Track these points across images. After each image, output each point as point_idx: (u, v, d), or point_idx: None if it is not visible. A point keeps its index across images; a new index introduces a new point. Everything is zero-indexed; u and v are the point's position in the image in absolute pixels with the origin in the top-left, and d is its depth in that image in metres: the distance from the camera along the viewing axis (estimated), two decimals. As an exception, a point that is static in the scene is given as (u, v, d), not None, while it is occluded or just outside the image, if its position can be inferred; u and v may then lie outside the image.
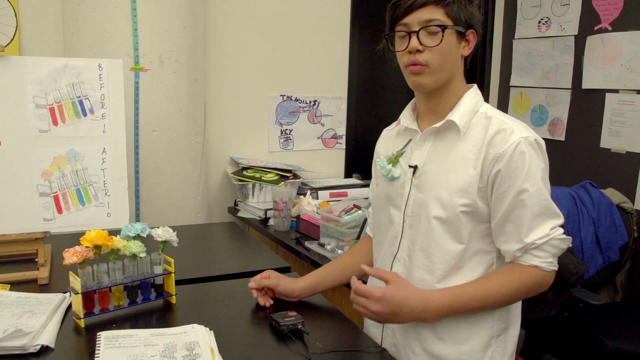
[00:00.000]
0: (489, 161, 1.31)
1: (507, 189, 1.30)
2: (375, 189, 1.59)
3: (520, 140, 1.29)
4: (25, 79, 1.76)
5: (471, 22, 1.37)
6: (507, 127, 1.32)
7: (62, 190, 1.80)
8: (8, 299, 1.49)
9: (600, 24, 3.10)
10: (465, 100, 1.39)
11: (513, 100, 3.70)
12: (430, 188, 1.38)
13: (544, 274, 1.32)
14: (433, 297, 1.30)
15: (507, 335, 1.43)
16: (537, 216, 1.29)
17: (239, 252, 2.21)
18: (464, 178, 1.33)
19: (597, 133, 3.15)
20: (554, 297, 2.30)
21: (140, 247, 1.47)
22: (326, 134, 3.42)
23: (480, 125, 1.36)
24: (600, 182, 2.90)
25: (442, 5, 1.32)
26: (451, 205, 1.34)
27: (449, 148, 1.38)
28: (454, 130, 1.37)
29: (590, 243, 2.61)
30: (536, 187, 1.29)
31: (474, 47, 1.40)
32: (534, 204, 1.29)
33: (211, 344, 1.29)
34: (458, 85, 1.41)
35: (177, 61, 2.53)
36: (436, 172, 1.38)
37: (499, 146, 1.30)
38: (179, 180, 2.62)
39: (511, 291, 1.32)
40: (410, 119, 1.48)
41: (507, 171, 1.29)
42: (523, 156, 1.29)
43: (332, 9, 3.31)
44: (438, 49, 1.32)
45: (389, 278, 1.31)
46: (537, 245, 1.30)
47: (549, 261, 1.31)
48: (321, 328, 1.46)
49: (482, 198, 1.33)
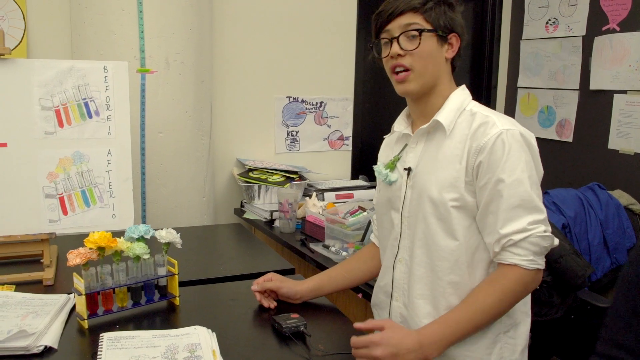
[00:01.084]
0: (472, 154, 1.33)
1: (487, 181, 1.31)
2: (378, 195, 1.61)
3: (502, 131, 1.31)
4: (32, 81, 1.78)
5: (452, 26, 1.41)
6: (489, 120, 1.34)
7: (68, 191, 1.81)
8: (13, 300, 1.51)
9: (608, 24, 3.09)
10: (451, 99, 1.43)
11: (520, 101, 3.69)
12: (422, 187, 1.41)
13: (526, 273, 1.29)
14: (424, 332, 1.29)
15: (517, 332, 1.42)
16: (514, 208, 1.28)
17: (244, 253, 2.21)
18: (452, 173, 1.36)
19: (605, 134, 3.13)
20: (560, 300, 2.29)
21: (144, 249, 1.48)
22: (332, 136, 3.42)
23: (465, 122, 1.39)
24: (608, 183, 2.89)
25: (420, 11, 1.38)
26: (442, 201, 1.36)
27: (438, 147, 1.41)
28: (441, 130, 1.41)
29: (598, 245, 2.59)
30: (514, 178, 1.28)
31: (457, 49, 1.44)
32: (510, 194, 1.28)
33: (213, 345, 1.29)
34: (445, 88, 1.44)
35: (183, 63, 2.54)
36: (427, 171, 1.41)
37: (481, 138, 1.32)
38: (185, 181, 2.63)
39: (495, 301, 1.30)
40: (404, 124, 1.53)
41: (488, 162, 1.30)
42: (502, 147, 1.30)
43: (338, 10, 3.31)
44: (417, 52, 1.38)
45: (383, 325, 1.30)
46: (514, 241, 1.28)
47: (529, 259, 1.29)
48: (323, 330, 1.46)
49: (470, 192, 1.35)
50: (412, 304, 1.43)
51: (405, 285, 1.46)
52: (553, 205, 2.57)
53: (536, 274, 1.31)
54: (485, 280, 1.35)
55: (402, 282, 1.47)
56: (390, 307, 1.50)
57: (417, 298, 1.42)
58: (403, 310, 1.47)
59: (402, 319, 1.47)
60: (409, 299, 1.44)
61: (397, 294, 1.48)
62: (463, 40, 1.44)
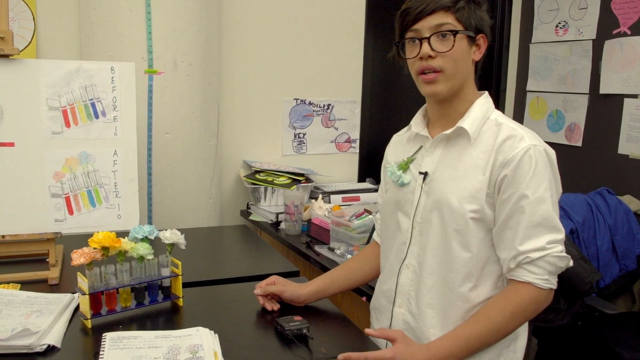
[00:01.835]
0: (497, 167, 1.30)
1: (510, 195, 1.28)
2: (384, 195, 1.58)
3: (530, 147, 1.28)
4: (40, 81, 1.79)
5: (481, 26, 1.37)
6: (517, 134, 1.31)
7: (74, 191, 1.82)
8: (18, 299, 1.51)
9: (619, 28, 3.07)
10: (476, 107, 1.39)
11: (529, 105, 3.67)
12: (440, 194, 1.37)
13: (539, 293, 1.28)
14: (434, 348, 1.29)
15: (516, 346, 1.42)
16: (535, 226, 1.27)
17: (249, 255, 2.21)
18: (474, 184, 1.33)
19: (615, 139, 3.10)
20: (567, 306, 2.27)
21: (148, 249, 1.48)
22: (340, 138, 3.42)
23: (490, 132, 1.35)
24: (618, 188, 2.86)
25: (452, 10, 1.32)
26: (461, 212, 1.33)
27: (460, 155, 1.37)
28: (464, 137, 1.37)
29: (607, 251, 2.57)
30: (537, 196, 1.27)
31: (484, 52, 1.39)
32: (532, 212, 1.27)
33: (215, 347, 1.29)
34: (469, 92, 1.41)
35: (190, 64, 2.55)
36: (446, 178, 1.37)
37: (508, 152, 1.29)
38: (192, 182, 2.63)
39: (507, 320, 1.29)
40: (421, 125, 1.48)
41: (513, 177, 1.28)
42: (530, 163, 1.27)
43: (346, 12, 3.31)
44: (450, 54, 1.32)
45: (395, 337, 1.29)
46: (531, 259, 1.27)
47: (544, 278, 1.27)
48: (326, 333, 1.45)
49: (490, 204, 1.32)
50: (421, 313, 1.41)
51: (412, 292, 1.43)
52: (561, 210, 2.54)
53: (549, 293, 1.30)
54: (497, 296, 1.33)
55: (408, 289, 1.44)
56: (393, 313, 1.48)
57: (426, 307, 1.40)
58: (409, 318, 1.44)
59: (406, 326, 1.44)
60: (417, 307, 1.42)
61: (401, 301, 1.46)
62: (489, 42, 1.39)
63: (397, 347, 1.27)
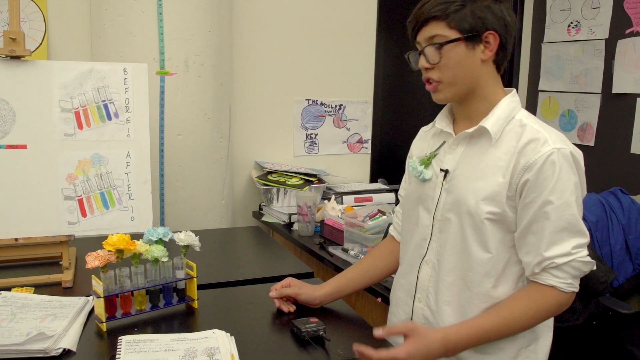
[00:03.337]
0: (519, 170, 1.28)
1: (533, 200, 1.27)
2: (408, 188, 1.57)
3: (553, 151, 1.26)
4: (52, 83, 1.78)
5: (482, 25, 1.32)
6: (540, 137, 1.29)
7: (87, 193, 1.81)
8: (32, 302, 1.51)
9: (632, 27, 3.04)
10: (501, 106, 1.36)
11: (542, 105, 3.64)
12: (458, 193, 1.36)
13: (562, 296, 1.28)
14: (450, 334, 1.28)
15: (538, 346, 1.40)
16: (560, 231, 1.26)
17: (263, 256, 2.20)
18: (492, 186, 1.31)
19: (628, 138, 3.08)
20: (582, 306, 2.25)
21: (163, 252, 1.47)
22: (352, 139, 3.40)
23: (513, 133, 1.33)
24: (631, 188, 2.83)
25: (442, 18, 1.31)
26: (477, 211, 1.32)
27: (481, 154, 1.36)
28: (486, 137, 1.35)
29: (620, 250, 2.55)
30: (562, 201, 1.25)
31: (497, 47, 1.35)
32: (557, 217, 1.25)
33: (232, 349, 1.28)
34: (489, 91, 1.38)
35: (202, 65, 2.54)
36: (466, 177, 1.36)
37: (530, 155, 1.27)
38: (204, 184, 2.62)
39: (529, 318, 1.29)
40: (446, 121, 1.47)
41: (536, 181, 1.26)
42: (553, 167, 1.25)
43: (358, 12, 3.30)
44: (443, 64, 1.33)
45: (405, 331, 1.27)
46: (557, 264, 1.26)
47: (568, 282, 1.27)
48: (343, 334, 1.44)
49: (511, 207, 1.30)
50: (439, 310, 1.41)
51: (432, 288, 1.43)
52: (576, 210, 2.53)
53: (571, 296, 1.29)
54: (522, 293, 1.32)
55: (428, 285, 1.44)
56: (413, 307, 1.48)
57: (444, 304, 1.40)
58: (427, 313, 1.44)
59: (425, 321, 1.44)
60: (436, 304, 1.42)
61: (421, 295, 1.46)
62: (505, 37, 1.36)
63: (409, 344, 1.25)
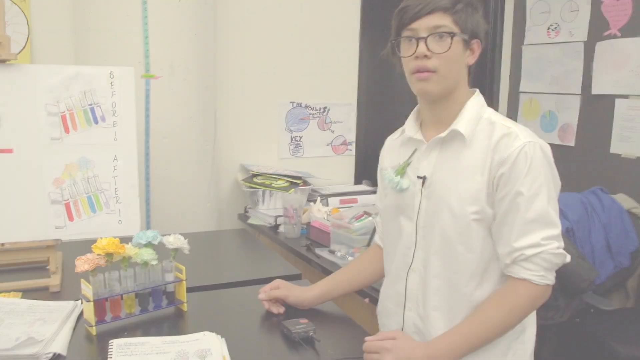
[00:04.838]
0: (494, 166, 1.31)
1: (507, 193, 1.29)
2: (384, 199, 1.56)
3: (525, 144, 1.29)
4: (38, 87, 1.77)
5: (477, 31, 1.36)
6: (511, 132, 1.32)
7: (74, 197, 1.81)
8: (20, 307, 1.50)
9: (610, 30, 3.09)
10: (469, 107, 1.39)
11: (523, 106, 3.69)
12: (440, 198, 1.37)
13: (536, 289, 1.29)
14: (433, 344, 1.31)
15: (525, 337, 1.42)
16: (530, 222, 1.27)
17: (250, 259, 2.21)
18: (474, 185, 1.33)
19: (607, 138, 3.13)
20: (565, 303, 2.28)
21: (152, 255, 1.48)
22: (336, 141, 3.42)
23: (484, 132, 1.35)
24: (611, 187, 2.88)
25: (450, 12, 1.32)
26: (463, 213, 1.33)
27: (456, 157, 1.37)
28: (459, 139, 1.37)
29: (601, 249, 2.59)
30: (532, 192, 1.27)
31: (477, 57, 1.40)
32: (527, 208, 1.27)
33: (223, 351, 1.29)
34: (462, 94, 1.41)
35: (187, 68, 2.54)
36: (445, 181, 1.37)
37: (504, 151, 1.30)
38: (190, 187, 2.62)
39: (504, 315, 1.30)
40: (414, 128, 1.47)
41: (509, 175, 1.28)
42: (525, 160, 1.28)
43: (342, 15, 3.32)
44: (446, 55, 1.32)
45: (394, 335, 1.31)
46: (526, 256, 1.27)
47: (540, 274, 1.28)
48: (333, 335, 1.45)
49: (490, 203, 1.33)
50: (428, 316, 1.40)
51: (420, 296, 1.43)
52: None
53: (545, 289, 1.30)
54: (494, 294, 1.34)
55: (416, 293, 1.44)
56: (404, 317, 1.47)
57: (432, 310, 1.40)
58: (417, 322, 1.43)
59: (416, 329, 1.44)
60: (424, 310, 1.41)
61: (411, 304, 1.45)
62: (483, 47, 1.40)
63: (397, 341, 1.29)
